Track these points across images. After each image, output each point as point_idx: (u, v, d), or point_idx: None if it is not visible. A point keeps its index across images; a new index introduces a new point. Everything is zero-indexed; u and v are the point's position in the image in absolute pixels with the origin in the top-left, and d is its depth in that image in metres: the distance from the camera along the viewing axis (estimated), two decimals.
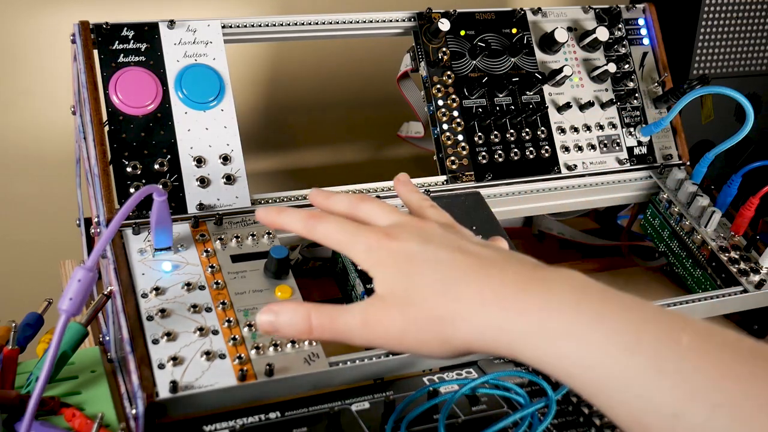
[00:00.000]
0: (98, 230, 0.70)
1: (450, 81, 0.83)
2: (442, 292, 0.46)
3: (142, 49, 0.74)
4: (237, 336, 0.61)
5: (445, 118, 0.83)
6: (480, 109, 0.84)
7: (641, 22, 0.93)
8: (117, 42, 0.73)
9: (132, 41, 0.74)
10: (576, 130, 0.87)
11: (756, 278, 0.79)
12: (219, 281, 0.66)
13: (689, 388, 0.39)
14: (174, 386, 0.57)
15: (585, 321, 0.42)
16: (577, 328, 0.42)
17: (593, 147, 0.88)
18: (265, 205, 0.72)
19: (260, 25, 0.79)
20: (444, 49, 0.84)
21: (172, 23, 0.75)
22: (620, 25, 0.92)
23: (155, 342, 0.60)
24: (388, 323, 0.47)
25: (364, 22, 0.83)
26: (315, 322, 0.49)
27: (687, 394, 0.39)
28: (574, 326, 0.42)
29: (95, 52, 0.73)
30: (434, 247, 0.49)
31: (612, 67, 0.88)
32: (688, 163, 0.92)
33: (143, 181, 0.71)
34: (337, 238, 0.51)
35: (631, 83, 0.91)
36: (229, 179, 0.73)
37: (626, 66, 0.91)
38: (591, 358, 0.41)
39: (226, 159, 0.74)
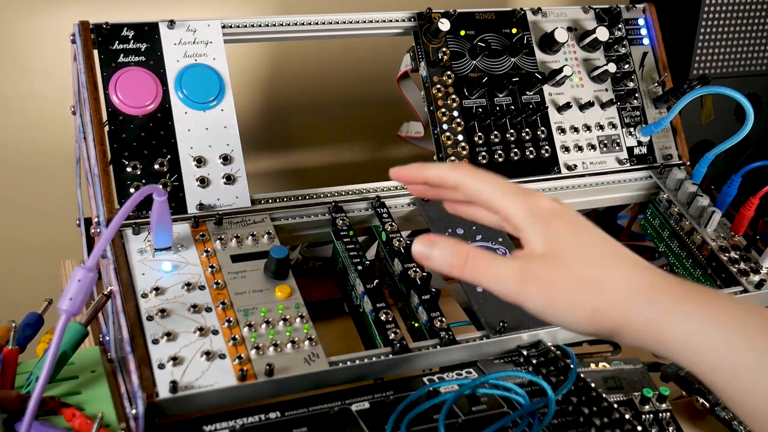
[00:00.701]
0: (98, 230, 0.70)
1: (450, 81, 0.83)
2: (606, 260, 0.48)
3: (142, 49, 0.74)
4: (237, 336, 0.61)
5: (445, 118, 0.83)
6: (480, 109, 0.84)
7: (641, 22, 0.93)
8: (117, 42, 0.73)
9: (132, 41, 0.74)
10: (576, 130, 0.87)
11: (756, 278, 0.79)
12: (219, 281, 0.66)
13: None
14: (174, 386, 0.57)
15: (729, 329, 0.47)
16: (723, 333, 0.47)
17: (593, 147, 0.88)
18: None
19: (260, 25, 0.79)
20: (444, 49, 0.84)
21: (172, 23, 0.75)
22: (620, 25, 0.92)
23: (155, 342, 0.60)
24: (544, 280, 0.48)
25: (364, 22, 0.83)
26: (471, 261, 0.50)
27: None
28: (722, 333, 0.47)
29: (95, 52, 0.73)
30: (599, 228, 0.51)
31: (612, 67, 0.88)
32: (688, 163, 0.92)
33: (143, 181, 0.71)
34: (503, 191, 0.51)
35: (631, 83, 0.91)
36: (229, 179, 0.73)
37: (626, 66, 0.91)
38: (728, 355, 0.46)
39: (226, 159, 0.74)
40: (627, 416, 0.59)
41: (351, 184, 0.79)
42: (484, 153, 0.83)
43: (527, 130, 0.85)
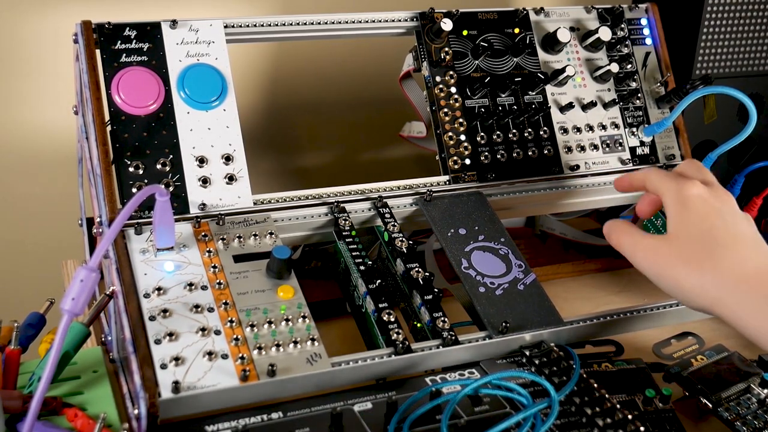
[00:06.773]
0: (100, 230, 0.70)
1: (452, 81, 0.83)
2: (705, 248, 0.62)
3: (145, 49, 0.74)
4: (239, 336, 0.61)
5: (447, 118, 0.82)
6: (482, 109, 0.84)
7: (644, 21, 0.93)
8: (119, 42, 0.73)
9: (134, 41, 0.74)
10: (578, 130, 0.87)
11: None
12: (221, 281, 0.66)
13: None
14: (176, 386, 0.57)
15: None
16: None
17: (596, 147, 0.88)
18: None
19: (263, 25, 0.79)
20: (446, 49, 0.84)
21: (174, 23, 0.75)
22: (623, 25, 0.92)
23: (157, 342, 0.60)
24: (652, 249, 0.64)
25: (367, 21, 0.83)
26: (613, 231, 0.68)
27: None
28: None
29: (97, 51, 0.73)
30: (734, 217, 0.65)
31: (614, 67, 0.88)
32: None
33: (145, 181, 0.71)
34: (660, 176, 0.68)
35: (634, 83, 0.91)
36: (232, 179, 0.73)
37: (629, 66, 0.91)
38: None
39: (228, 159, 0.74)
40: (630, 417, 0.59)
41: (353, 184, 0.79)
42: (486, 153, 0.83)
43: (530, 130, 0.85)
